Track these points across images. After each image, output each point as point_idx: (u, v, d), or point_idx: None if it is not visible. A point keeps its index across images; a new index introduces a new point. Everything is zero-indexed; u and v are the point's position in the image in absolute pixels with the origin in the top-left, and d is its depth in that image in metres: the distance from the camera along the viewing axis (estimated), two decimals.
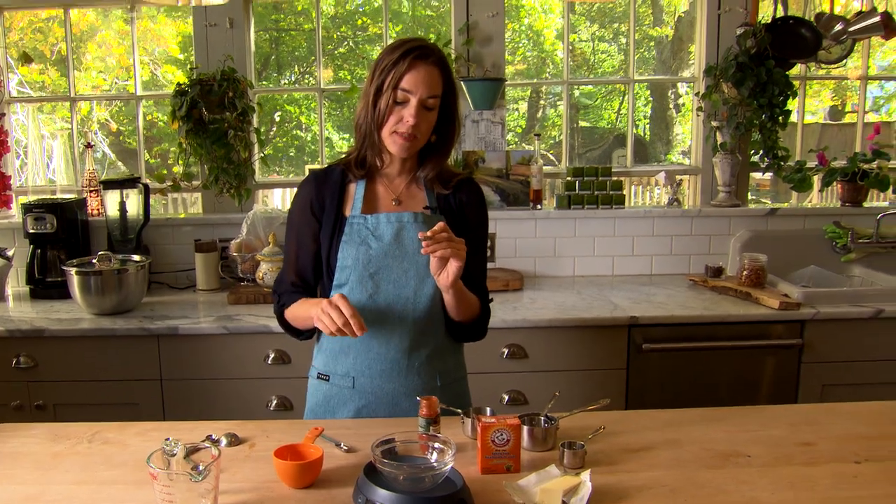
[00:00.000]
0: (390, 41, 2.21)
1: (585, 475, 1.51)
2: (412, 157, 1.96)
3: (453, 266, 1.76)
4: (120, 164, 8.77)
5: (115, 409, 2.80)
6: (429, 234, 1.70)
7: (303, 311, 1.92)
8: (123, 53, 8.27)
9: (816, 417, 1.91)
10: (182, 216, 3.65)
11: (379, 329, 1.91)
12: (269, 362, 2.84)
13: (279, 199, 6.87)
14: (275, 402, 2.85)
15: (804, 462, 1.65)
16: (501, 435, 1.59)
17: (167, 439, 1.41)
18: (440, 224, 1.73)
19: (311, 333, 2.01)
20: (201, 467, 1.36)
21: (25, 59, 3.67)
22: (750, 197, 3.98)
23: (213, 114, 3.40)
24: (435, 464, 1.49)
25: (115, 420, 1.92)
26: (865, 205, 3.68)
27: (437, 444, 1.53)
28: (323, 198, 1.96)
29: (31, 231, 3.25)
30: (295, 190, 2.07)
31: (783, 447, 1.73)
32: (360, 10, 9.42)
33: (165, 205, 6.31)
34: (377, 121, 1.86)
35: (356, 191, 1.96)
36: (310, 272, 1.99)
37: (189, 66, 3.53)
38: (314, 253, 1.97)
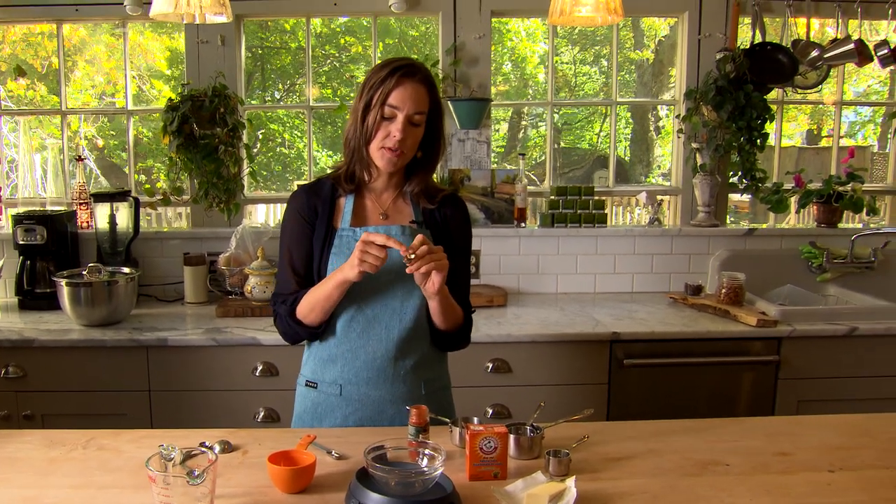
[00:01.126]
0: (377, 60, 2.27)
1: (570, 481, 1.55)
2: (399, 172, 2.02)
3: (437, 277, 1.82)
4: (103, 179, 8.75)
5: (103, 420, 2.80)
6: (409, 253, 1.76)
7: (320, 292, 1.91)
8: (112, 68, 8.28)
9: (793, 429, 1.97)
10: (166, 230, 3.67)
11: (366, 338, 1.96)
12: (257, 374, 2.87)
13: (263, 216, 6.90)
14: (262, 413, 2.88)
15: (780, 471, 1.71)
16: (489, 442, 1.63)
17: (162, 445, 1.44)
18: (418, 238, 1.79)
19: (322, 328, 1.99)
20: (197, 472, 1.40)
21: (19, 72, 3.68)
22: (729, 219, 4.06)
23: (204, 129, 3.45)
24: (425, 469, 1.54)
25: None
26: (840, 226, 3.78)
27: (427, 451, 1.58)
28: (315, 207, 2.01)
29: (21, 242, 3.27)
30: (283, 206, 2.10)
31: (760, 456, 1.79)
32: (344, 28, 9.49)
33: (150, 219, 6.32)
34: (365, 136, 1.92)
35: (345, 204, 2.02)
36: (308, 272, 2.01)
37: (173, 82, 3.58)
38: (309, 255, 2.01)
